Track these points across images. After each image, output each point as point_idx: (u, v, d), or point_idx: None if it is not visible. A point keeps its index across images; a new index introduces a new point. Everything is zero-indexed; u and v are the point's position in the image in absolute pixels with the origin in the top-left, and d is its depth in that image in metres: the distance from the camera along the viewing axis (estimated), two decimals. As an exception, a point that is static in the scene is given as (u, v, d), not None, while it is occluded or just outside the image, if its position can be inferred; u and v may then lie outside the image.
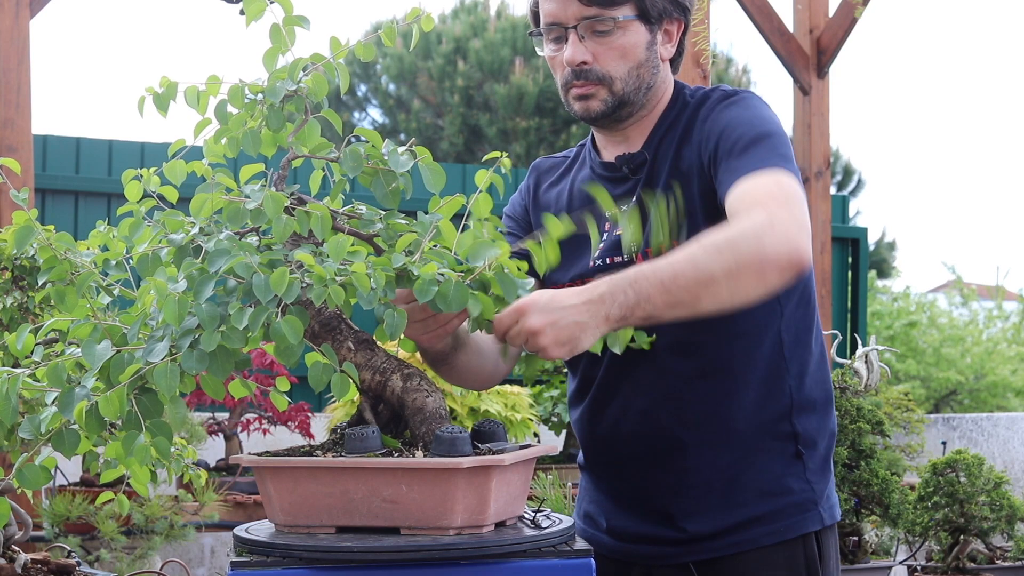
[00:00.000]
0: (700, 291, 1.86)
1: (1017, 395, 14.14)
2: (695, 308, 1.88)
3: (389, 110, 18.58)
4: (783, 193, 1.96)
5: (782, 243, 1.89)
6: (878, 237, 18.81)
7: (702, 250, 1.88)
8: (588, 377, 2.26)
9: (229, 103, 1.89)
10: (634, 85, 2.18)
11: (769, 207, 1.92)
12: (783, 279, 1.91)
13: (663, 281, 1.85)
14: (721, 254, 1.87)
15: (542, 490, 4.07)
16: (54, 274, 1.90)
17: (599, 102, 2.17)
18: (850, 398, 4.24)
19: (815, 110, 6.84)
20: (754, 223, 1.90)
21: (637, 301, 1.84)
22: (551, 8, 2.17)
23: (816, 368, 2.24)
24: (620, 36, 2.15)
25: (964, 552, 4.25)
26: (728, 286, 1.87)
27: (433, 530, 1.77)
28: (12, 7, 5.08)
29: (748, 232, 1.89)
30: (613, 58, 2.15)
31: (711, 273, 1.86)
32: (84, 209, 7.69)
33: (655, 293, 1.84)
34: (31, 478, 1.75)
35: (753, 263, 1.87)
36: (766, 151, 2.04)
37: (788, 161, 2.05)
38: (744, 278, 1.87)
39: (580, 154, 2.37)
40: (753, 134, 2.08)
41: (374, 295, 1.73)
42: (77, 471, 4.79)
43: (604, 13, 2.13)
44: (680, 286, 1.85)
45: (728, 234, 1.90)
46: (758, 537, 2.16)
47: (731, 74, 18.09)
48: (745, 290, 1.89)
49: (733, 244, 1.88)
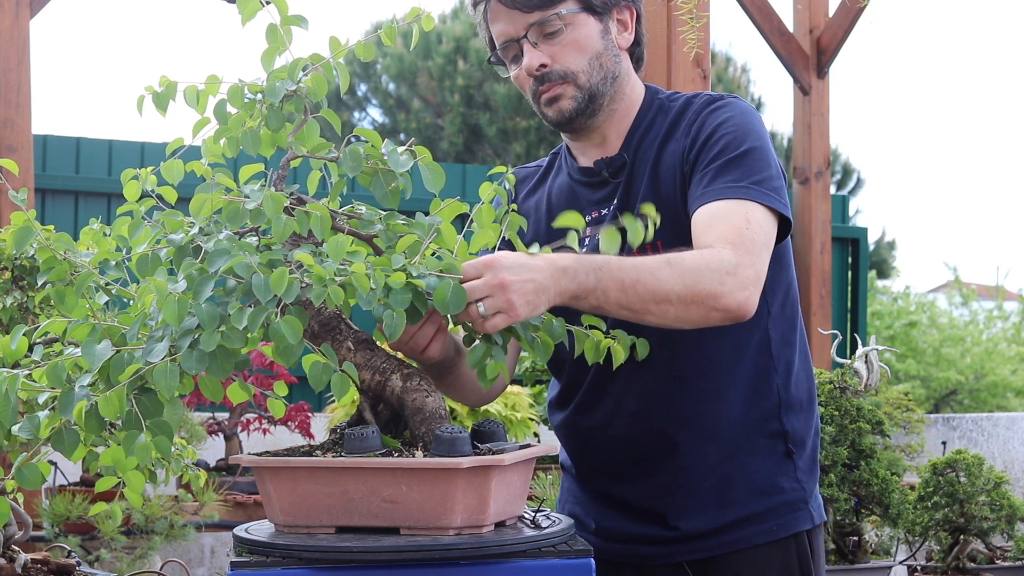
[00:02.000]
0: (651, 306, 1.92)
1: (1017, 395, 14.14)
2: (639, 317, 1.93)
3: (389, 110, 18.58)
4: (751, 234, 2.01)
5: (738, 291, 1.95)
6: (878, 237, 18.82)
7: (668, 268, 1.92)
8: (574, 381, 2.26)
9: (228, 103, 1.88)
10: (599, 75, 2.18)
11: (738, 251, 1.98)
12: (723, 322, 1.98)
13: (624, 281, 1.89)
14: (683, 279, 1.92)
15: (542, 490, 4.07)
16: (53, 274, 1.89)
17: (569, 100, 2.18)
18: (850, 398, 4.24)
19: (815, 110, 6.84)
20: (721, 262, 1.95)
21: (595, 288, 1.88)
22: (500, 28, 2.19)
23: (801, 367, 2.26)
24: (571, 31, 2.16)
25: (964, 552, 4.25)
26: (676, 309, 1.93)
27: (433, 530, 1.76)
28: (12, 7, 5.08)
29: (713, 268, 1.94)
30: (569, 54, 2.16)
31: (667, 293, 1.91)
32: (84, 209, 7.69)
33: (612, 289, 1.89)
34: (30, 478, 1.75)
35: (707, 299, 1.93)
36: (742, 173, 2.07)
37: (765, 183, 2.07)
38: (693, 308, 1.94)
39: (554, 162, 2.37)
40: (736, 149, 2.09)
41: (373, 295, 1.73)
42: (77, 471, 4.79)
43: (547, 13, 2.14)
44: (637, 293, 1.90)
45: (695, 263, 1.94)
46: (752, 536, 2.18)
47: (731, 74, 18.09)
48: (688, 318, 1.95)
49: (697, 275, 1.93)
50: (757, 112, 2.19)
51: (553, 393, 2.34)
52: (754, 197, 2.05)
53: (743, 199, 2.04)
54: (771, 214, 2.06)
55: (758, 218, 2.03)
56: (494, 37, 2.21)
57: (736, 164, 2.08)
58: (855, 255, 9.28)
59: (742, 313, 1.97)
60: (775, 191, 2.07)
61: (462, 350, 2.11)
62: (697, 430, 2.17)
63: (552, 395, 2.34)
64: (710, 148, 2.11)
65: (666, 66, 5.17)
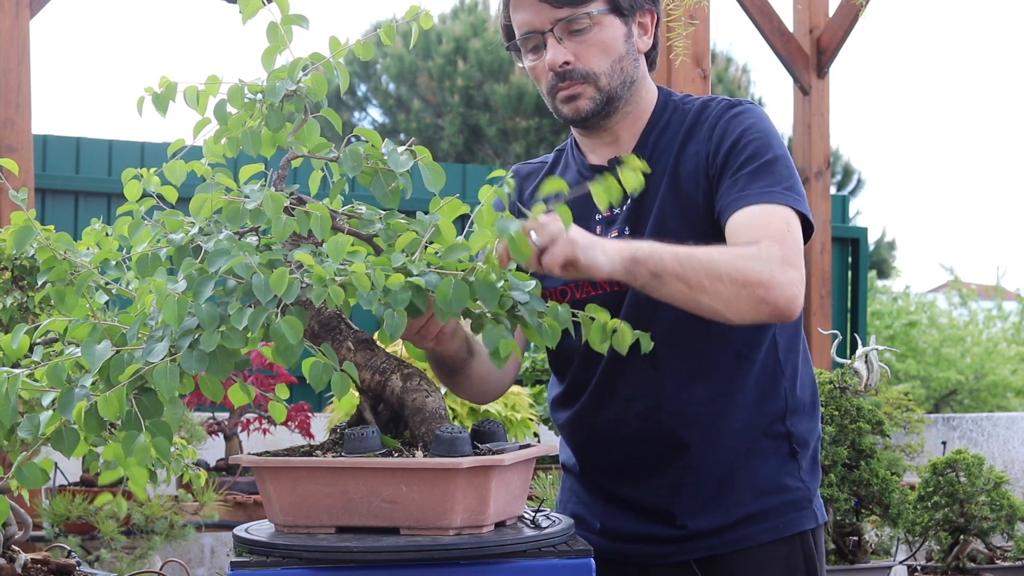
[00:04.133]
0: (706, 281, 1.92)
1: (1017, 395, 14.14)
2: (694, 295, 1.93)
3: (389, 110, 18.58)
4: (793, 239, 2.03)
5: (787, 287, 1.96)
6: (878, 237, 18.83)
7: (719, 252, 1.95)
8: (581, 381, 2.26)
9: (228, 103, 1.88)
10: (619, 79, 2.19)
11: (785, 250, 1.99)
12: (770, 317, 1.97)
13: (678, 253, 1.92)
14: (735, 263, 1.94)
15: (542, 490, 4.07)
16: (53, 274, 1.89)
17: (587, 100, 2.18)
18: (850, 398, 4.24)
19: (815, 110, 6.84)
20: (771, 254, 1.97)
21: (651, 254, 1.91)
22: (524, 18, 2.17)
23: (804, 371, 2.28)
24: (597, 32, 2.16)
25: (964, 552, 4.25)
26: (728, 290, 1.93)
27: (433, 530, 1.76)
28: (12, 7, 5.08)
29: (763, 259, 1.95)
30: (594, 55, 2.16)
31: (719, 272, 1.92)
32: (84, 209, 7.69)
33: (668, 258, 1.91)
34: (30, 477, 1.75)
35: (757, 287, 1.94)
36: (775, 179, 2.09)
37: (795, 193, 2.10)
38: (744, 294, 1.94)
39: (560, 159, 2.36)
40: (764, 155, 2.11)
41: (374, 295, 1.73)
42: (77, 471, 4.79)
43: (577, 11, 2.14)
44: (692, 266, 1.92)
45: (744, 252, 1.96)
46: (757, 534, 2.18)
47: (731, 74, 18.08)
48: (738, 306, 1.95)
49: (747, 261, 1.94)
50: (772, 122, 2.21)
51: (556, 392, 2.34)
52: (789, 203, 2.07)
53: (781, 204, 2.06)
54: (801, 220, 2.09)
55: (795, 224, 2.06)
56: (515, 25, 2.20)
57: (767, 171, 2.10)
58: (855, 255, 9.28)
59: (790, 311, 1.96)
60: (803, 197, 2.12)
61: (475, 350, 2.11)
62: (706, 432, 2.18)
63: (555, 394, 2.34)
64: (738, 154, 2.12)
65: (666, 66, 5.18)
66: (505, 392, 2.32)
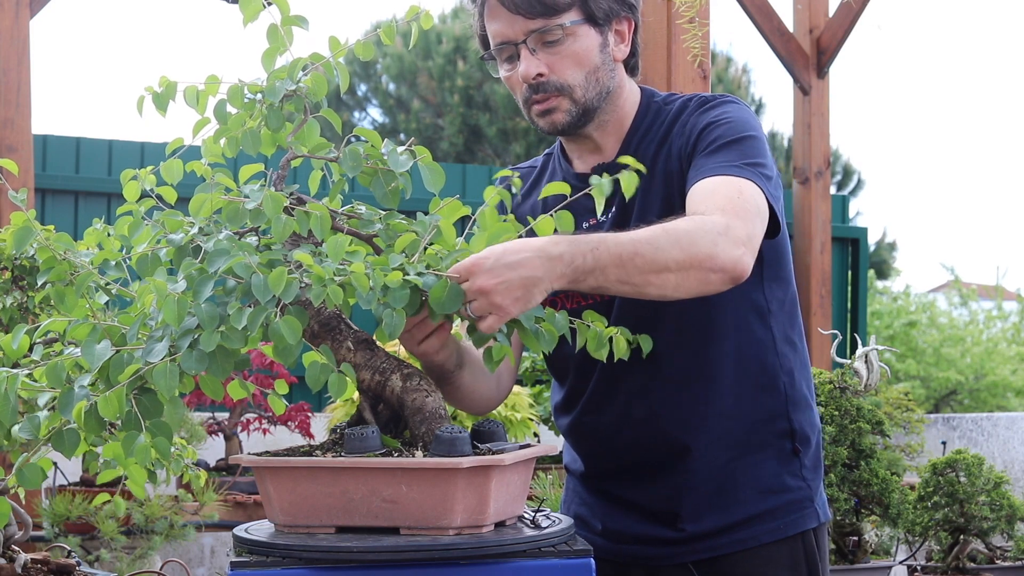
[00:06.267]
0: (651, 277, 1.88)
1: (1017, 395, 14.14)
2: (641, 291, 1.90)
3: (389, 110, 18.58)
4: (743, 203, 1.98)
5: (732, 248, 1.91)
6: (878, 237, 18.83)
7: (664, 235, 1.90)
8: (578, 388, 2.25)
9: (228, 103, 1.88)
10: (594, 91, 2.16)
11: (728, 214, 1.95)
12: (722, 285, 1.94)
13: (622, 256, 1.86)
14: (679, 243, 1.89)
15: (542, 490, 4.06)
16: (53, 274, 1.89)
17: (563, 113, 2.16)
18: (850, 398, 4.24)
19: (815, 110, 6.84)
20: (713, 224, 1.92)
21: (592, 269, 1.85)
22: (497, 28, 2.15)
23: (802, 365, 2.27)
24: (571, 43, 2.13)
25: (964, 552, 4.25)
26: (676, 277, 1.89)
27: (433, 530, 1.76)
28: (12, 7, 5.08)
29: (706, 231, 1.91)
30: (568, 66, 2.14)
31: (665, 262, 1.88)
32: (84, 209, 7.69)
33: (611, 266, 1.86)
34: (31, 477, 1.75)
35: (704, 261, 1.90)
36: (737, 155, 2.06)
37: (759, 168, 2.06)
38: (692, 274, 1.90)
39: (548, 164, 2.35)
40: (730, 136, 2.09)
41: (373, 295, 1.73)
42: (77, 471, 4.79)
43: (550, 22, 2.11)
44: (636, 266, 1.87)
45: (688, 227, 1.92)
46: (759, 535, 2.18)
47: (731, 74, 18.09)
48: (687, 285, 1.91)
49: (691, 238, 1.90)
50: (754, 114, 2.19)
51: (557, 398, 2.34)
52: (747, 176, 2.03)
53: (736, 176, 2.03)
54: (763, 196, 2.04)
55: (750, 192, 2.01)
56: (489, 35, 2.18)
57: (732, 147, 2.07)
58: (855, 255, 9.28)
59: (738, 272, 1.92)
60: (768, 180, 2.07)
61: (464, 362, 2.10)
62: (707, 433, 2.17)
63: (556, 400, 2.34)
64: (706, 137, 2.11)
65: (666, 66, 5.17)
66: (496, 406, 2.29)
